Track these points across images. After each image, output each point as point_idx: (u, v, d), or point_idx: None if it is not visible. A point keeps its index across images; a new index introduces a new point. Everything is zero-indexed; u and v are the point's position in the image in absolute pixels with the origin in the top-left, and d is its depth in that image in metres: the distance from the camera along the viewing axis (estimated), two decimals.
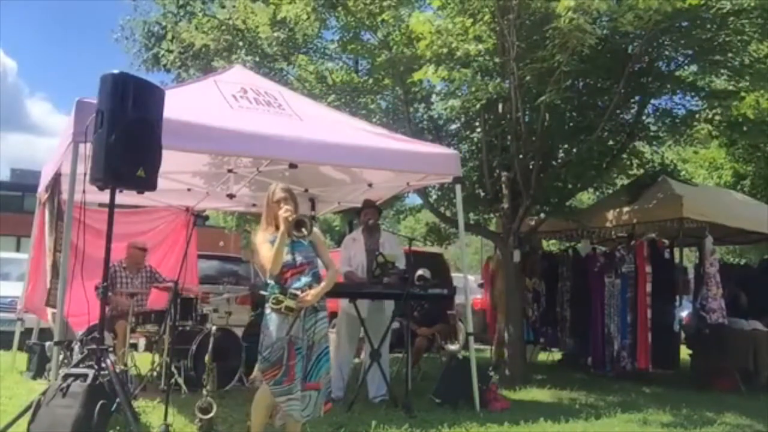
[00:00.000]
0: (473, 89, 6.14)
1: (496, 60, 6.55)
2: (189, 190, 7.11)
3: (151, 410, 4.85)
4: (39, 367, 6.38)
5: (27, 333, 7.46)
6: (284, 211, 3.56)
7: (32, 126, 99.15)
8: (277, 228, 3.62)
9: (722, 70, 7.10)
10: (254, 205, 7.98)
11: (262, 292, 3.93)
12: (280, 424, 3.85)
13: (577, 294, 8.14)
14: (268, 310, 3.60)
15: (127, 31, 12.90)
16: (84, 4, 74.74)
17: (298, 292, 3.53)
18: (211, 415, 4.18)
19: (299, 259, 3.62)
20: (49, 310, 5.78)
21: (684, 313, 8.15)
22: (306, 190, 7.38)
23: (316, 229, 3.79)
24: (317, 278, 3.66)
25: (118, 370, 4.44)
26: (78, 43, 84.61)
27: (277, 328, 3.51)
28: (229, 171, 6.42)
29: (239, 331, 6.42)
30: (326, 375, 3.64)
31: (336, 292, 6.00)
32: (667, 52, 6.99)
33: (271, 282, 3.63)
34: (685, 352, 7.87)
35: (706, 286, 7.20)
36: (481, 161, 7.37)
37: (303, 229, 3.61)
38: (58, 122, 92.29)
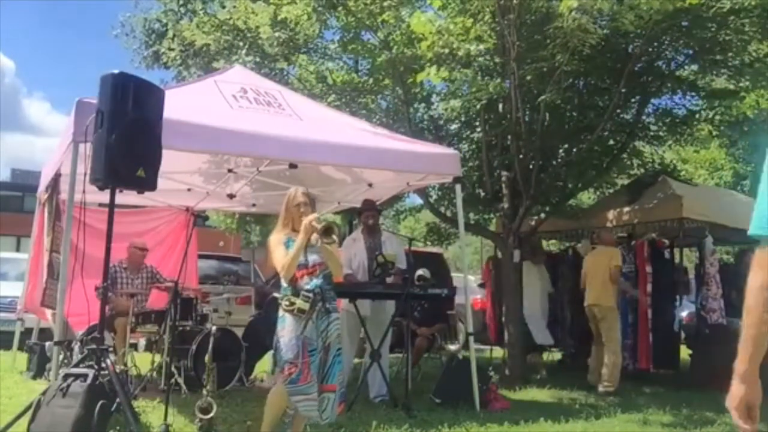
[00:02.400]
0: (474, 89, 6.15)
1: (497, 60, 6.55)
2: (189, 190, 7.11)
3: (151, 410, 4.84)
4: (39, 367, 6.38)
5: (27, 333, 7.47)
6: (309, 220, 3.59)
7: (31, 126, 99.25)
8: (293, 230, 3.67)
9: (722, 70, 7.11)
10: (254, 205, 7.99)
11: (276, 294, 3.95)
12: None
13: (577, 294, 8.12)
14: (281, 312, 3.64)
15: (128, 28, 12.91)
16: (82, 3, 74.80)
17: (310, 295, 3.57)
18: (211, 415, 4.18)
19: (311, 259, 3.66)
20: (49, 310, 5.78)
21: (684, 313, 8.15)
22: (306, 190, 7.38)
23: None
24: (328, 279, 3.71)
25: (118, 370, 4.44)
26: (76, 42, 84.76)
27: (291, 328, 3.54)
28: (229, 171, 6.43)
29: (239, 331, 6.42)
30: (340, 376, 3.67)
31: (337, 291, 6.05)
32: (667, 52, 7.00)
33: (284, 283, 3.66)
34: (685, 352, 7.86)
35: (706, 286, 7.20)
36: (481, 161, 7.37)
37: (333, 236, 3.66)
38: (56, 122, 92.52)
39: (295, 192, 3.85)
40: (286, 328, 3.56)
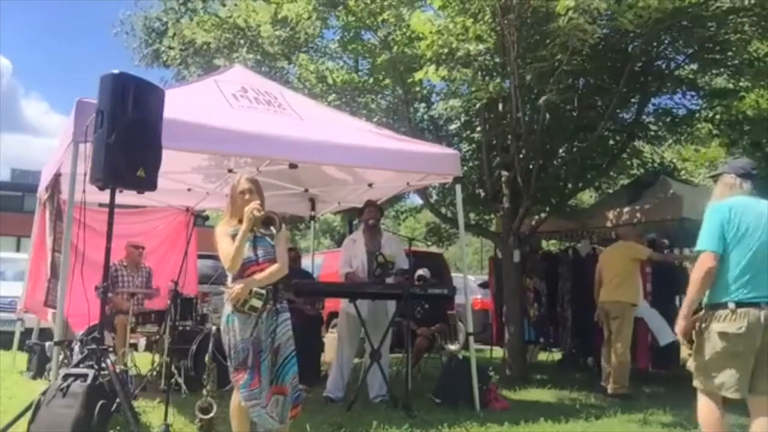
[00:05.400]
0: (474, 89, 6.15)
1: (497, 60, 6.55)
2: (189, 190, 7.11)
3: (151, 410, 4.85)
4: (39, 367, 6.39)
5: (27, 333, 7.47)
6: (250, 208, 3.40)
7: (29, 126, 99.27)
8: (240, 221, 3.46)
9: (722, 69, 7.11)
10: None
11: (222, 288, 3.69)
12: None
13: (577, 294, 8.13)
14: (229, 309, 3.44)
15: (128, 26, 12.93)
16: (79, 3, 74.81)
17: (264, 292, 3.39)
18: (211, 415, 4.18)
19: (261, 255, 3.47)
20: (50, 310, 5.78)
21: None
22: (306, 190, 7.39)
23: (283, 227, 3.62)
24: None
25: (118, 370, 4.44)
26: (73, 41, 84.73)
27: (240, 328, 3.37)
28: (229, 171, 6.42)
29: None
30: (293, 379, 3.48)
31: (336, 292, 6.05)
32: (667, 51, 7.00)
33: (231, 280, 3.48)
34: (685, 352, 7.86)
35: None
36: (481, 161, 7.37)
37: (272, 227, 3.44)
38: (54, 122, 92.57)
39: (239, 178, 3.63)
40: (235, 329, 3.38)
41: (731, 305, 3.10)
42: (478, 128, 7.30)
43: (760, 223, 3.16)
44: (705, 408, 3.28)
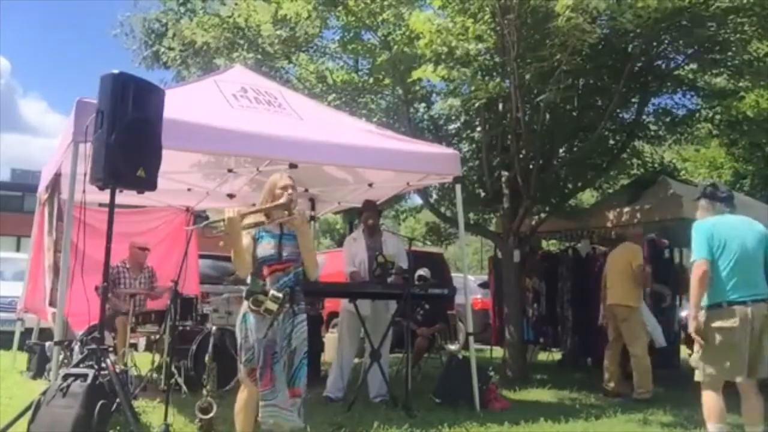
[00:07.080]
0: (473, 88, 6.15)
1: (497, 59, 6.55)
2: (189, 190, 7.11)
3: (151, 410, 4.85)
4: (39, 367, 6.39)
5: (27, 333, 7.47)
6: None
7: (27, 126, 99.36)
8: (268, 217, 3.41)
9: (722, 69, 7.11)
10: (254, 204, 7.96)
11: (242, 287, 3.67)
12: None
13: (577, 294, 8.13)
14: (245, 310, 3.44)
15: (127, 28, 12.88)
16: (78, 3, 74.77)
17: (280, 295, 3.35)
18: (211, 415, 4.18)
19: (285, 254, 3.43)
20: (50, 310, 5.78)
21: (684, 313, 8.14)
22: (306, 190, 7.38)
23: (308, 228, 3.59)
24: (299, 278, 3.48)
25: (118, 370, 4.44)
26: (72, 41, 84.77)
27: (255, 329, 3.35)
28: (229, 171, 6.43)
29: None
30: (305, 379, 3.49)
31: (337, 291, 6.05)
32: (667, 51, 6.99)
33: (249, 278, 3.46)
34: (685, 352, 7.86)
35: None
36: (481, 161, 7.37)
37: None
38: (53, 122, 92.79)
39: (280, 175, 3.56)
40: (249, 329, 3.37)
41: (725, 305, 3.79)
42: (478, 128, 7.30)
43: (735, 235, 3.92)
44: (709, 398, 3.86)
